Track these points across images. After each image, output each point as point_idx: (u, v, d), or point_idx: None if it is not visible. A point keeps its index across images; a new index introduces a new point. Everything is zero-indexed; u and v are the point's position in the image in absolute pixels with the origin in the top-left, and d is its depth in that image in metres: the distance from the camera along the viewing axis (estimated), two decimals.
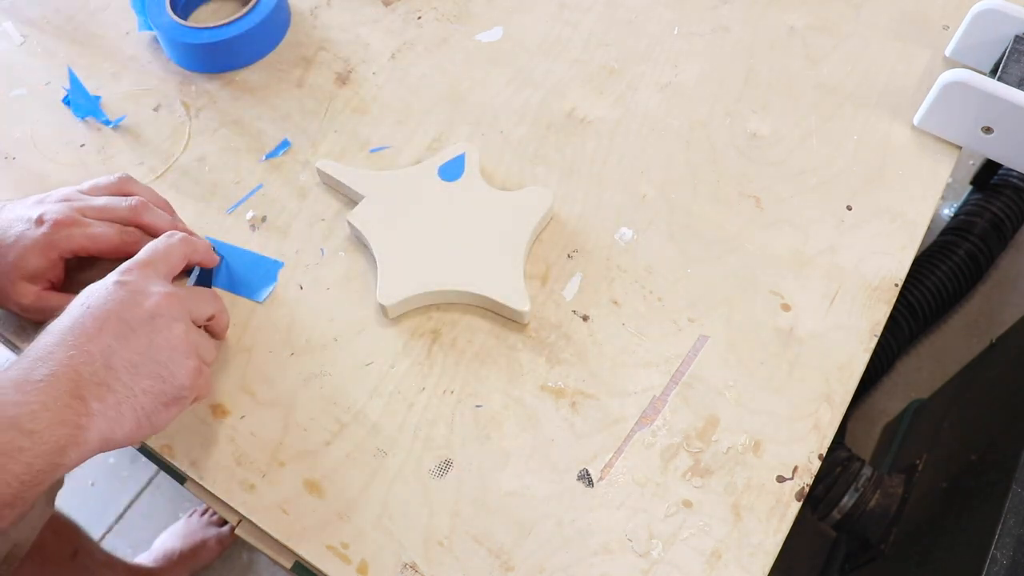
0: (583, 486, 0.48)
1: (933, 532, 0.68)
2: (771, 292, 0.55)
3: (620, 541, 0.46)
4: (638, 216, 0.59)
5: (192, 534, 1.09)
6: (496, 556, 0.46)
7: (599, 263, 0.57)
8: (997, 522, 0.53)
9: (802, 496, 0.48)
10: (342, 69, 0.68)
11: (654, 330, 0.54)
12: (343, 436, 0.50)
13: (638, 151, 0.62)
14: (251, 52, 0.68)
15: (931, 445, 0.82)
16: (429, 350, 0.53)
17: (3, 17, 0.73)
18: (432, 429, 0.50)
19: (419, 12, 0.72)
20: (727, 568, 0.45)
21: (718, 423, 0.50)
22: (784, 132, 0.63)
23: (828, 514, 0.81)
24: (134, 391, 0.42)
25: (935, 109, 0.60)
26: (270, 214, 0.60)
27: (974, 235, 1.10)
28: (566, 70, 0.67)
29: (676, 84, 0.66)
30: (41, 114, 0.67)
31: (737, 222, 0.58)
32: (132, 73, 0.69)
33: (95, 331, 0.42)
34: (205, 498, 0.50)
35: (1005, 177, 1.17)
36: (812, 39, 0.69)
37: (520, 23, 0.71)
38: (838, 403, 0.51)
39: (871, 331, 0.54)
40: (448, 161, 0.59)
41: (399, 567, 0.46)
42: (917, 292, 1.07)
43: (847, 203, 0.59)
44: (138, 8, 0.71)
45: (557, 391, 0.51)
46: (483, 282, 0.53)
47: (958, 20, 0.68)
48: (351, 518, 0.47)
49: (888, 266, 0.56)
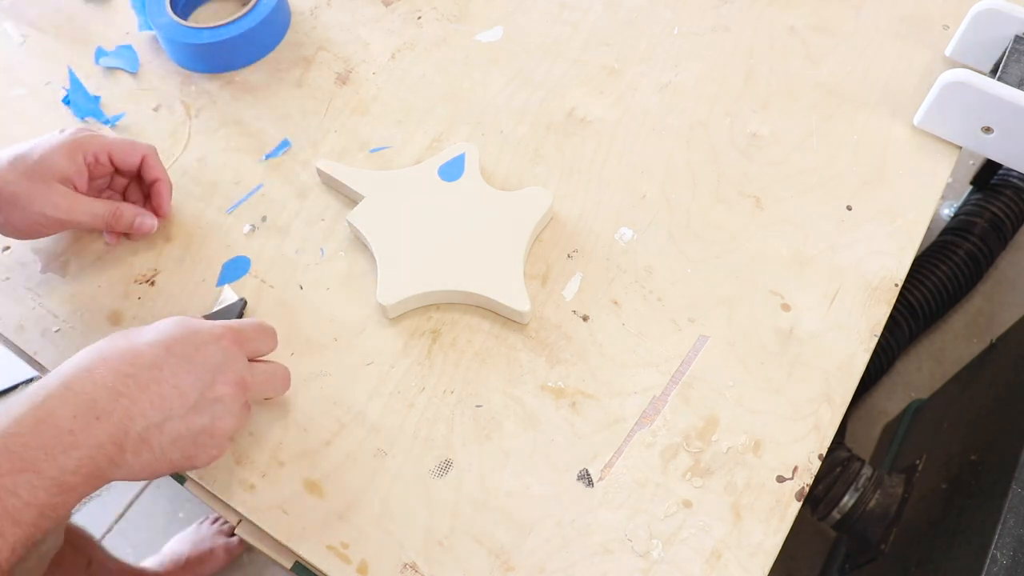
0: (583, 486, 0.48)
1: (933, 532, 0.68)
2: (771, 292, 0.55)
3: (620, 541, 0.46)
4: (638, 216, 0.59)
5: (201, 541, 1.09)
6: (496, 556, 0.46)
7: (599, 263, 0.57)
8: (997, 522, 0.53)
9: (802, 496, 0.48)
10: (342, 69, 0.68)
11: (654, 330, 0.54)
12: (343, 436, 0.50)
13: (638, 151, 0.62)
14: (251, 52, 0.68)
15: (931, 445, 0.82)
16: (429, 350, 0.53)
17: (3, 17, 0.73)
18: (432, 429, 0.50)
19: (419, 12, 0.72)
20: (727, 568, 0.45)
21: (718, 423, 0.50)
22: (784, 132, 0.63)
23: (828, 514, 0.81)
24: (166, 455, 0.42)
25: (935, 109, 0.60)
26: (270, 214, 0.60)
27: (974, 235, 1.10)
28: (566, 70, 0.67)
29: (676, 84, 0.66)
30: (41, 114, 0.67)
31: (737, 222, 0.58)
32: (132, 73, 0.69)
33: (161, 392, 0.41)
34: (205, 498, 0.50)
35: (1005, 177, 1.17)
36: (812, 39, 0.69)
37: (520, 23, 0.71)
38: (838, 403, 0.51)
39: (871, 331, 0.54)
40: (448, 161, 0.59)
41: (399, 567, 0.46)
42: (917, 292, 1.07)
43: (847, 203, 0.59)
44: (138, 8, 0.71)
45: (557, 391, 0.51)
46: (483, 282, 0.53)
47: (958, 20, 0.68)
48: (351, 518, 0.47)
49: (888, 266, 0.56)
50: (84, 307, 0.56)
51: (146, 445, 0.40)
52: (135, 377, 0.40)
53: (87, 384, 0.39)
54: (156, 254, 0.59)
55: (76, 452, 0.37)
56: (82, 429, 0.38)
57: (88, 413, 0.38)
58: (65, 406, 0.38)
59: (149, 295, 0.57)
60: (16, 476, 0.36)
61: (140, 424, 0.40)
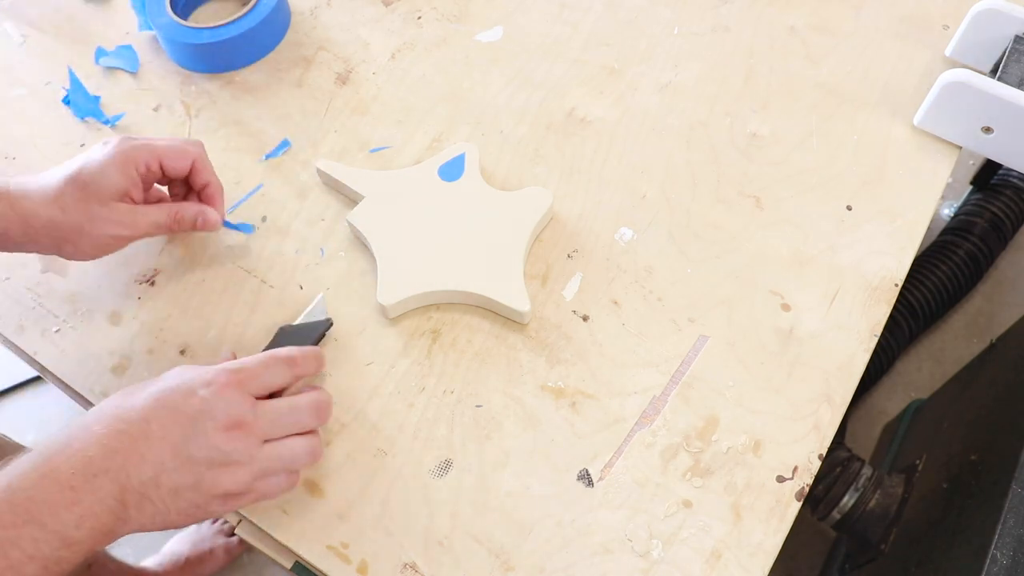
0: (583, 486, 0.48)
1: (933, 532, 0.68)
2: (771, 292, 0.55)
3: (620, 541, 0.46)
4: (638, 216, 0.59)
5: (201, 541, 1.09)
6: (496, 556, 0.46)
7: (599, 263, 0.57)
8: (997, 522, 0.53)
9: (802, 496, 0.48)
10: (342, 69, 0.68)
11: (654, 330, 0.54)
12: (343, 436, 0.50)
13: (638, 151, 0.62)
14: (251, 52, 0.68)
15: (931, 445, 0.82)
16: (429, 350, 0.53)
17: (3, 17, 0.73)
18: (432, 429, 0.50)
19: (419, 12, 0.72)
20: (727, 568, 0.45)
21: (718, 423, 0.50)
22: (784, 132, 0.63)
23: (828, 514, 0.81)
24: (169, 511, 0.41)
25: (935, 109, 0.60)
26: (270, 214, 0.60)
27: (974, 235, 1.10)
28: (566, 70, 0.67)
29: (676, 84, 0.66)
30: (41, 114, 0.67)
31: (737, 222, 0.58)
32: (132, 73, 0.69)
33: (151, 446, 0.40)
34: None
35: (1005, 177, 1.17)
36: (812, 39, 0.69)
37: (520, 23, 0.71)
38: (838, 403, 0.51)
39: (871, 331, 0.54)
40: (448, 161, 0.59)
41: (399, 567, 0.46)
42: (917, 292, 1.07)
43: (847, 203, 0.59)
44: (138, 8, 0.71)
45: (557, 391, 0.51)
46: (483, 282, 0.53)
47: (958, 20, 0.68)
48: (351, 518, 0.47)
49: (888, 266, 0.56)
50: (84, 307, 0.56)
51: (147, 499, 0.40)
52: (127, 432, 0.40)
53: (86, 441, 0.39)
54: (156, 254, 0.59)
55: (78, 508, 0.37)
56: (82, 485, 0.38)
57: (86, 470, 0.38)
58: (66, 463, 0.38)
59: (149, 295, 0.57)
60: (20, 529, 0.36)
61: (135, 479, 0.39)
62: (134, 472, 0.39)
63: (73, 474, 0.38)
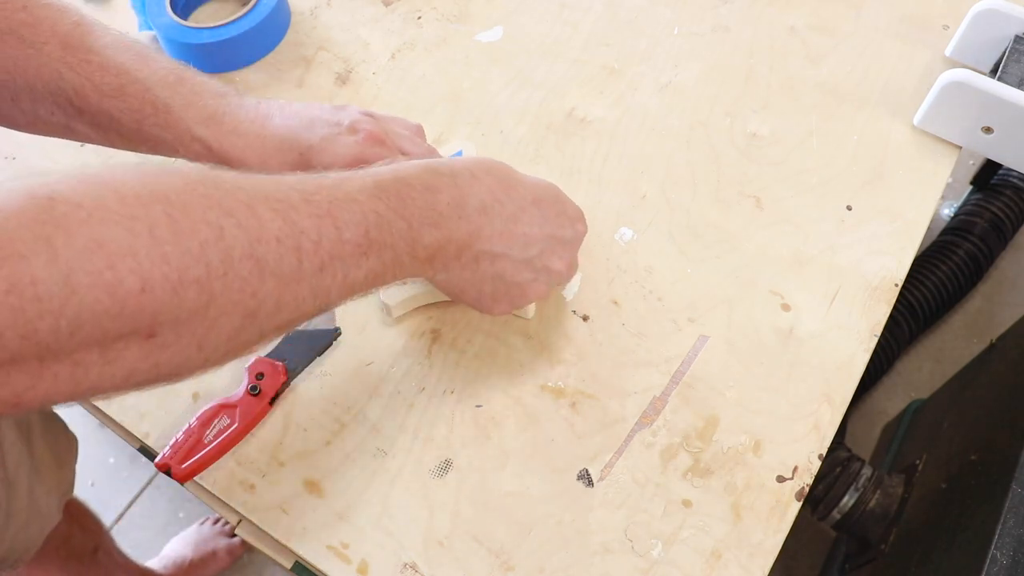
0: (583, 486, 0.48)
1: (933, 532, 0.68)
2: (771, 292, 0.55)
3: (620, 541, 0.46)
4: (638, 216, 0.59)
5: (203, 542, 1.09)
6: (496, 556, 0.46)
7: (599, 263, 0.57)
8: (997, 522, 0.53)
9: (802, 496, 0.48)
10: (342, 69, 0.68)
11: (654, 330, 0.54)
12: (343, 436, 0.50)
13: (638, 151, 0.62)
14: (251, 52, 0.68)
15: (931, 445, 0.82)
16: (429, 350, 0.53)
17: None
18: (432, 429, 0.50)
19: (419, 12, 0.72)
20: (727, 568, 0.45)
21: (718, 423, 0.50)
22: (784, 132, 0.63)
23: (828, 514, 0.81)
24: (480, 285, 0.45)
25: (935, 109, 0.60)
26: None
27: (974, 235, 1.10)
28: (566, 70, 0.67)
29: (676, 84, 0.66)
30: None
31: (737, 222, 0.58)
32: None
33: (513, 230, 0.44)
34: (205, 498, 0.50)
35: (1005, 177, 1.17)
36: (812, 39, 0.69)
37: (520, 23, 0.71)
38: (838, 403, 0.51)
39: (871, 331, 0.54)
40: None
41: (399, 567, 0.46)
42: (917, 292, 1.07)
43: (847, 203, 0.59)
44: (138, 8, 0.71)
45: (557, 391, 0.51)
46: None
47: (958, 20, 0.68)
48: (351, 518, 0.47)
49: (888, 266, 0.56)
50: None
51: (475, 264, 0.44)
52: (503, 204, 0.44)
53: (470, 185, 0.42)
54: None
55: (435, 231, 0.41)
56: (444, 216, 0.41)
57: (457, 207, 0.41)
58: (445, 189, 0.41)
59: None
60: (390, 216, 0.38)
61: (480, 245, 0.43)
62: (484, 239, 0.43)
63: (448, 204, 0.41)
